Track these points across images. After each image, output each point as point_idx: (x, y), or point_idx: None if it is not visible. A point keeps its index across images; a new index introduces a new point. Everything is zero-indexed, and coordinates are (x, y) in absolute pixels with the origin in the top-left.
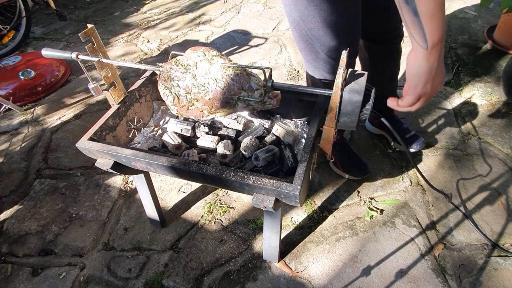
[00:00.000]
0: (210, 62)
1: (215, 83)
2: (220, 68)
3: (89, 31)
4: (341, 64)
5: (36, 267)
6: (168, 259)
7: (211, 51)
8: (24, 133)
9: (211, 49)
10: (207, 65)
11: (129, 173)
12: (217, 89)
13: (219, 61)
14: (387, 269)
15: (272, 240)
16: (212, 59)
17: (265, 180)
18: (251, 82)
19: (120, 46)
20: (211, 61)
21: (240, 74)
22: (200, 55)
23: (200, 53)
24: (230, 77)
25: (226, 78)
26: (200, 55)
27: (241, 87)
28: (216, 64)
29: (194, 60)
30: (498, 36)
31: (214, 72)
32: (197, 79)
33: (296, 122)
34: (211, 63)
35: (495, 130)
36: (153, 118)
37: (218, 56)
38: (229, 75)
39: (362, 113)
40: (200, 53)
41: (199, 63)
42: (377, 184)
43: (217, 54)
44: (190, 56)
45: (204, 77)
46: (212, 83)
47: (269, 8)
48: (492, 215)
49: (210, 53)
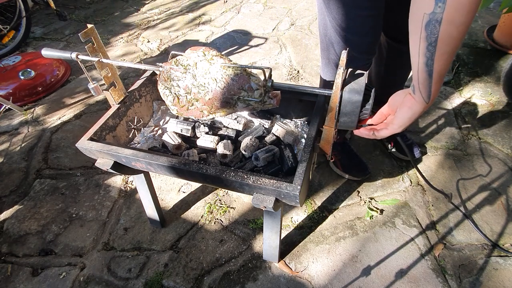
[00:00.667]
0: (210, 62)
1: (215, 83)
2: (220, 68)
3: (89, 31)
4: (341, 64)
5: (36, 267)
6: (168, 259)
7: (211, 51)
8: (24, 133)
9: (211, 49)
10: (207, 65)
11: (129, 173)
12: (217, 89)
13: (219, 61)
14: (387, 269)
15: (272, 240)
16: (212, 59)
17: (265, 180)
18: (251, 82)
19: (120, 46)
20: (211, 61)
21: (240, 74)
22: (200, 55)
23: (200, 53)
24: (230, 77)
25: (226, 78)
26: (200, 55)
27: (241, 87)
28: (216, 64)
29: (194, 60)
30: (498, 36)
31: (214, 72)
32: (197, 79)
33: (296, 122)
34: (211, 63)
35: (495, 130)
36: (153, 118)
37: (218, 56)
38: (229, 75)
39: (362, 113)
40: (200, 53)
41: (199, 63)
42: (377, 184)
43: (217, 54)
44: (190, 56)
45: (204, 77)
46: (212, 83)
47: (269, 8)
48: (492, 215)
49: (210, 53)
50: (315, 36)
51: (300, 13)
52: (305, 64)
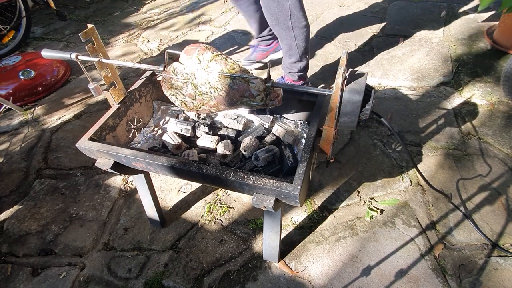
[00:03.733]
0: (207, 71)
1: (216, 92)
2: (218, 77)
3: (89, 31)
4: (341, 64)
5: (36, 267)
6: (168, 259)
7: (205, 54)
8: (24, 133)
9: (206, 48)
10: (205, 75)
11: (129, 173)
12: (219, 96)
13: (216, 69)
14: (387, 269)
15: (272, 240)
16: (208, 66)
17: (265, 180)
18: (251, 89)
19: (120, 46)
20: (207, 69)
21: (239, 83)
22: (195, 62)
23: (195, 59)
24: (230, 86)
25: (226, 88)
26: (195, 62)
27: (242, 94)
28: (214, 72)
29: (191, 69)
30: (498, 36)
31: (213, 82)
32: (198, 88)
33: (296, 122)
34: (208, 72)
35: (495, 130)
36: (153, 118)
37: (214, 61)
38: (228, 84)
39: (362, 113)
40: (194, 59)
41: (197, 72)
42: (377, 184)
43: (211, 58)
44: (186, 64)
45: (205, 86)
46: (213, 91)
47: None
48: (492, 215)
49: (205, 58)
50: (315, 36)
51: None
52: None
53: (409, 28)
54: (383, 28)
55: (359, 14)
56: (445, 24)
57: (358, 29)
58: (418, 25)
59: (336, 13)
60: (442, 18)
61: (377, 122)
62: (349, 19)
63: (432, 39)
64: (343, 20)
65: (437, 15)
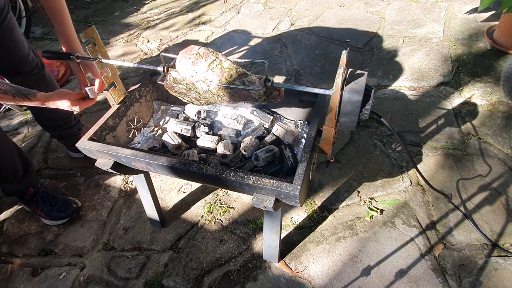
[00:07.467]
0: (206, 83)
1: (219, 97)
2: (218, 87)
3: (89, 31)
4: (341, 64)
5: (36, 267)
6: (168, 259)
7: (199, 63)
8: (24, 133)
9: (199, 56)
10: (205, 86)
11: (129, 173)
12: (223, 100)
13: (213, 79)
14: (387, 269)
15: (272, 240)
16: (206, 78)
17: (265, 180)
18: (251, 94)
19: (120, 46)
20: (205, 81)
21: (239, 91)
22: (191, 73)
23: (191, 71)
24: (231, 94)
25: (228, 95)
26: (192, 74)
27: (244, 99)
28: (213, 83)
29: (190, 80)
30: (498, 36)
31: (214, 91)
32: (201, 94)
33: (296, 122)
34: (207, 84)
35: (495, 130)
36: (153, 118)
37: (210, 71)
38: (229, 92)
39: (362, 113)
40: (190, 71)
41: (196, 83)
42: (377, 184)
43: (206, 68)
44: (183, 75)
45: (207, 94)
46: (216, 97)
47: (269, 8)
48: (492, 215)
49: (200, 69)
50: (315, 36)
51: (300, 13)
52: (305, 64)
53: (409, 28)
54: (383, 28)
55: (359, 14)
56: (445, 24)
57: (358, 29)
58: (418, 25)
59: (336, 13)
60: (442, 18)
61: (377, 122)
62: (349, 19)
63: (432, 39)
64: (343, 20)
65: (437, 15)
